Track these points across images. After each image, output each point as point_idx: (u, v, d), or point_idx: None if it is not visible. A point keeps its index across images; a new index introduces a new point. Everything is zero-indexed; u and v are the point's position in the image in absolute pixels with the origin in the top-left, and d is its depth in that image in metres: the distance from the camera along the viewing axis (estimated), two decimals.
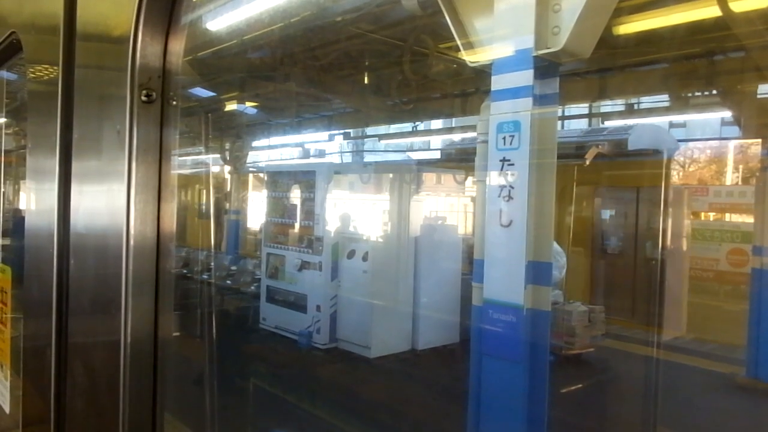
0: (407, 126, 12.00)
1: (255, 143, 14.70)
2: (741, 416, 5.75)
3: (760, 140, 6.92)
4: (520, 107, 3.20)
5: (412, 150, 14.88)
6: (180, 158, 1.15)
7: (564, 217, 8.99)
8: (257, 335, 8.22)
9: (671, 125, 9.63)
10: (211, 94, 10.55)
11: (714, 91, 7.17)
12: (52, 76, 1.37)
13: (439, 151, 12.30)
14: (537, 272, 3.23)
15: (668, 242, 8.46)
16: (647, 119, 9.77)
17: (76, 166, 1.27)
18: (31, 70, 1.54)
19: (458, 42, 3.65)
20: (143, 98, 1.06)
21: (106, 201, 1.17)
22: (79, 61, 1.28)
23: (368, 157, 14.52)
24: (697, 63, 7.00)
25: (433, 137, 14.34)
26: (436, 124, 12.76)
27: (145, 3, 1.03)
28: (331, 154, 14.32)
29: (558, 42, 3.09)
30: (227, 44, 7.19)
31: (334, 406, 5.74)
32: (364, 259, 7.48)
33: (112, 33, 1.22)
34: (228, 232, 13.54)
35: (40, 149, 1.49)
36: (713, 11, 5.08)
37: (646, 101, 9.32)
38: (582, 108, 10.13)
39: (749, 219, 9.45)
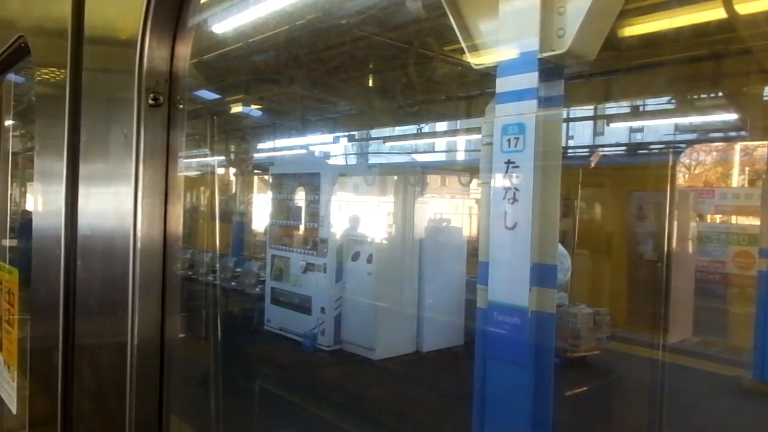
0: (412, 128, 12.00)
1: (260, 145, 14.73)
2: (747, 420, 5.72)
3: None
4: (524, 109, 3.19)
5: (417, 152, 14.87)
6: (185, 160, 1.16)
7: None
8: (262, 337, 8.22)
9: (676, 127, 9.60)
10: (217, 96, 10.58)
11: (720, 93, 7.15)
12: (59, 79, 1.38)
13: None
14: (542, 274, 3.23)
15: None
16: (652, 122, 9.76)
17: (83, 169, 1.28)
18: (39, 73, 1.55)
19: (463, 44, 3.64)
20: (150, 101, 1.07)
21: (113, 203, 1.17)
22: (87, 65, 1.29)
23: (373, 159, 14.54)
24: (703, 65, 6.98)
25: (437, 139, 14.34)
26: (441, 126, 12.75)
27: (152, 7, 1.04)
28: (335, 156, 14.35)
29: (563, 44, 3.08)
30: (233, 47, 7.21)
31: (339, 408, 5.74)
32: (369, 261, 7.47)
33: (119, 37, 1.23)
34: (233, 233, 13.56)
35: (47, 152, 1.50)
36: (718, 13, 5.07)
37: (651, 103, 9.29)
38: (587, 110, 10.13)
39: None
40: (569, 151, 10.52)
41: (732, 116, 7.57)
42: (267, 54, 7.89)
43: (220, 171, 13.78)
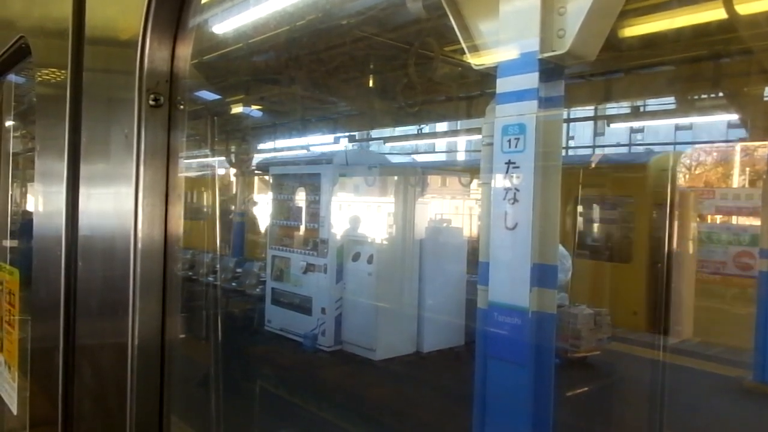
0: (412, 129, 12.01)
1: (260, 146, 14.76)
2: (747, 421, 5.71)
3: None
4: (525, 110, 3.19)
5: (417, 153, 14.90)
6: (186, 161, 1.16)
7: None
8: (262, 337, 8.22)
9: (677, 127, 9.61)
10: (217, 96, 10.59)
11: (720, 94, 7.15)
12: (60, 79, 1.38)
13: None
14: (542, 275, 3.23)
15: None
16: (652, 122, 9.76)
17: (84, 169, 1.28)
18: (40, 73, 1.55)
19: (463, 45, 3.65)
20: (151, 102, 1.07)
21: (114, 204, 1.17)
22: (88, 65, 1.29)
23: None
24: (703, 65, 6.98)
25: (438, 140, 14.36)
26: (441, 126, 12.76)
27: (153, 8, 1.04)
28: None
29: (563, 45, 3.08)
30: (233, 48, 7.21)
31: (339, 408, 5.74)
32: (369, 261, 7.47)
33: (120, 37, 1.23)
34: (233, 234, 13.57)
35: (48, 152, 1.50)
36: (719, 14, 5.07)
37: (652, 104, 9.30)
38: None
39: None
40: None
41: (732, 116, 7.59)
42: (267, 54, 7.90)
43: (221, 171, 13.80)
